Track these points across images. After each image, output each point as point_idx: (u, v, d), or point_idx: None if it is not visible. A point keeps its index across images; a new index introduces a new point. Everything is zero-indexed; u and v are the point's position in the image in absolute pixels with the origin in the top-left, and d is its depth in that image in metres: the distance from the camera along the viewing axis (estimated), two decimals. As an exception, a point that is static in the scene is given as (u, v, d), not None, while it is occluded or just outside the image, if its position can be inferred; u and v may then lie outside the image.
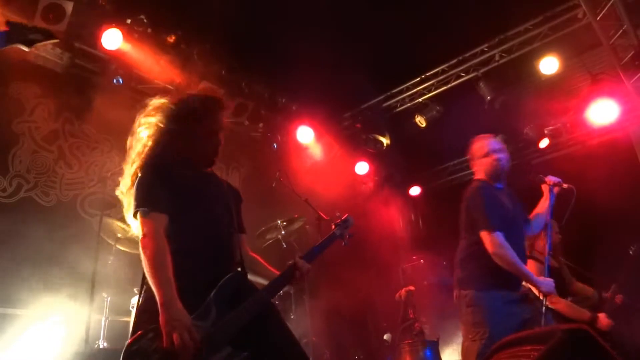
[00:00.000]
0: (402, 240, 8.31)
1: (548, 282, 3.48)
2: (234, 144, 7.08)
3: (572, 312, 4.27)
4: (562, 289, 4.40)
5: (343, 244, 2.88)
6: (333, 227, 2.90)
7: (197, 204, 2.46)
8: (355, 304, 6.85)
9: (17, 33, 2.64)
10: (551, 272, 4.23)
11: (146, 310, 2.28)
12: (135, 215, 2.40)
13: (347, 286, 6.74)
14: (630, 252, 4.71)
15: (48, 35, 2.73)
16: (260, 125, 7.21)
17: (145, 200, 2.36)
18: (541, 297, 3.51)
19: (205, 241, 2.42)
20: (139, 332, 2.18)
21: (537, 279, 3.48)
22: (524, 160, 7.42)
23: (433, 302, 6.65)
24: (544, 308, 3.43)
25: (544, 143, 7.34)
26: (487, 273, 3.47)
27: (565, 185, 3.78)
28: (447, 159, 8.50)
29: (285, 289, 2.89)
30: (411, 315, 6.45)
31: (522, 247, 3.66)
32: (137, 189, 2.42)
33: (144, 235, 2.30)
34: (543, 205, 3.89)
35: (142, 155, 2.51)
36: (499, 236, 3.42)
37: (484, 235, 3.47)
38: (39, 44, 2.80)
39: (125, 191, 2.52)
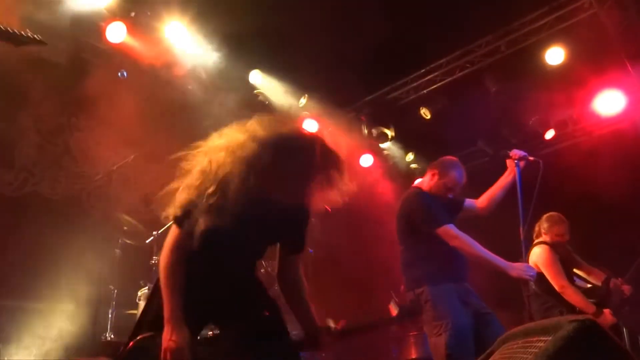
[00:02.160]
0: None
1: (519, 265, 3.42)
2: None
3: (578, 301, 4.27)
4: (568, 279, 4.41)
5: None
6: (393, 310, 2.81)
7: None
8: (360, 299, 6.79)
9: (6, 35, 2.61)
10: (562, 262, 4.37)
11: (158, 316, 2.27)
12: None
13: (352, 281, 6.76)
14: None
15: (37, 42, 2.71)
16: (265, 117, 7.13)
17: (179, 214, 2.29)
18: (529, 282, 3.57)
19: (205, 263, 2.34)
20: (137, 338, 2.25)
21: (505, 264, 3.42)
22: (529, 152, 7.51)
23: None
24: (527, 298, 3.51)
25: (549, 134, 7.32)
26: (436, 268, 3.54)
27: (531, 158, 3.76)
28: (452, 151, 7.50)
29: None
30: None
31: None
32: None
33: (165, 244, 2.31)
34: (502, 182, 3.92)
35: (215, 177, 2.26)
36: (453, 228, 3.50)
37: (440, 232, 3.53)
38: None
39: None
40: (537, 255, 4.55)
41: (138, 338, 2.23)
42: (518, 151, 3.81)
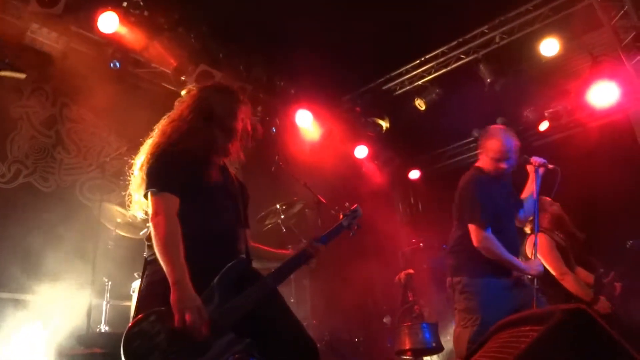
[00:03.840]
0: (402, 224, 8.35)
1: (534, 264, 3.51)
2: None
3: (577, 289, 4.24)
4: (567, 266, 4.40)
5: (350, 234, 2.88)
6: (341, 216, 2.89)
7: (207, 193, 2.46)
8: (355, 287, 6.84)
9: None
10: (559, 249, 4.35)
11: (149, 294, 2.32)
12: (146, 196, 2.44)
13: (347, 270, 6.73)
14: (628, 246, 4.75)
15: (16, 70, 2.72)
16: (259, 108, 7.04)
17: (157, 181, 2.39)
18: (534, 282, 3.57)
19: (212, 228, 2.43)
20: (140, 315, 2.20)
21: (523, 266, 3.51)
22: (524, 144, 7.46)
23: (432, 285, 6.69)
24: (535, 291, 3.47)
25: (543, 126, 7.28)
26: (478, 261, 3.50)
27: (550, 166, 3.77)
28: (446, 142, 8.45)
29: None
30: (410, 298, 6.47)
31: (514, 237, 3.72)
32: (151, 171, 2.44)
33: (156, 213, 2.32)
34: (530, 187, 3.88)
35: (159, 144, 2.54)
36: (485, 230, 3.47)
37: (471, 228, 3.52)
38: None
39: (138, 176, 2.55)
40: (531, 243, 4.44)
41: (145, 313, 2.22)
42: (538, 158, 3.81)
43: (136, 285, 4.68)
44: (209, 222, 2.42)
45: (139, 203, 2.56)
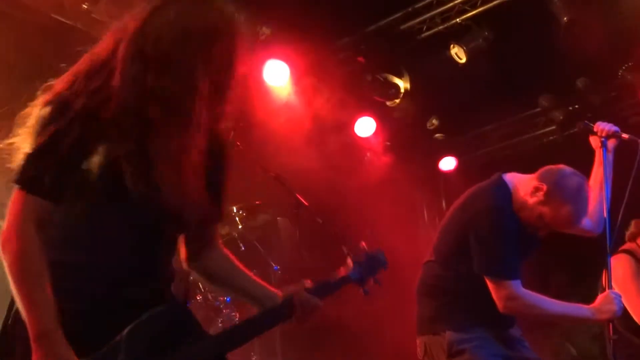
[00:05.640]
0: (427, 238, 7.09)
1: (605, 302, 3.12)
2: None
3: None
4: None
5: (363, 292, 2.39)
6: (350, 262, 2.38)
7: (109, 183, 1.95)
8: (354, 334, 5.95)
9: None
10: None
11: (15, 337, 1.95)
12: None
13: (343, 305, 5.18)
14: None
15: None
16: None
17: (24, 172, 1.89)
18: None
19: (111, 245, 1.99)
20: None
21: (588, 311, 3.16)
22: (616, 117, 6.32)
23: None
24: (610, 344, 3.11)
25: None
26: (468, 305, 3.22)
27: (624, 136, 3.38)
28: (498, 115, 7.28)
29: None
30: None
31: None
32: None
33: (7, 226, 1.90)
34: (598, 172, 3.48)
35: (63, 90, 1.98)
36: (515, 287, 3.13)
37: (496, 284, 3.12)
38: None
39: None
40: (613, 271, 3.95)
41: None
42: (606, 124, 3.41)
43: None
44: (100, 234, 1.99)
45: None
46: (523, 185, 3.29)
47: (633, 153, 3.33)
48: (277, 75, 5.92)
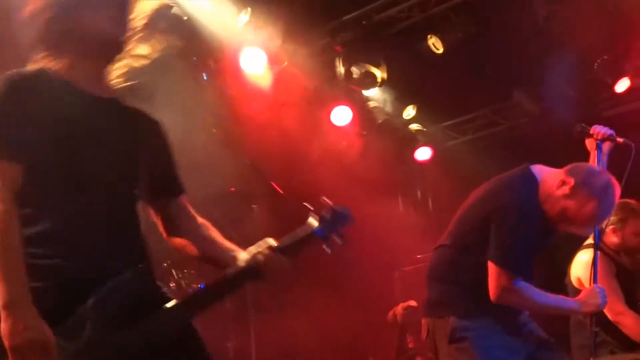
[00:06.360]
0: (402, 229, 7.08)
1: (591, 296, 3.17)
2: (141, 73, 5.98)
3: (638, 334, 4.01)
4: (633, 299, 4.10)
5: (326, 249, 2.24)
6: (317, 221, 2.23)
7: (71, 155, 1.99)
8: (326, 327, 6.04)
9: None
10: (622, 274, 4.13)
11: None
12: None
13: (314, 300, 6.05)
14: None
15: None
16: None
17: None
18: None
19: (79, 218, 1.98)
20: None
21: (572, 304, 3.29)
22: (592, 112, 6.75)
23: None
24: (592, 336, 3.27)
25: (622, 85, 6.57)
26: (477, 294, 3.16)
27: (619, 140, 3.48)
28: (473, 106, 7.47)
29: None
30: (410, 345, 6.19)
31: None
32: None
33: None
34: None
35: None
36: (515, 281, 3.13)
37: (499, 272, 3.13)
38: None
39: None
40: (582, 265, 4.08)
41: None
42: (601, 128, 3.51)
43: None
44: (70, 208, 1.99)
45: None
46: (551, 177, 3.27)
47: (627, 155, 3.39)
48: (254, 64, 5.93)
